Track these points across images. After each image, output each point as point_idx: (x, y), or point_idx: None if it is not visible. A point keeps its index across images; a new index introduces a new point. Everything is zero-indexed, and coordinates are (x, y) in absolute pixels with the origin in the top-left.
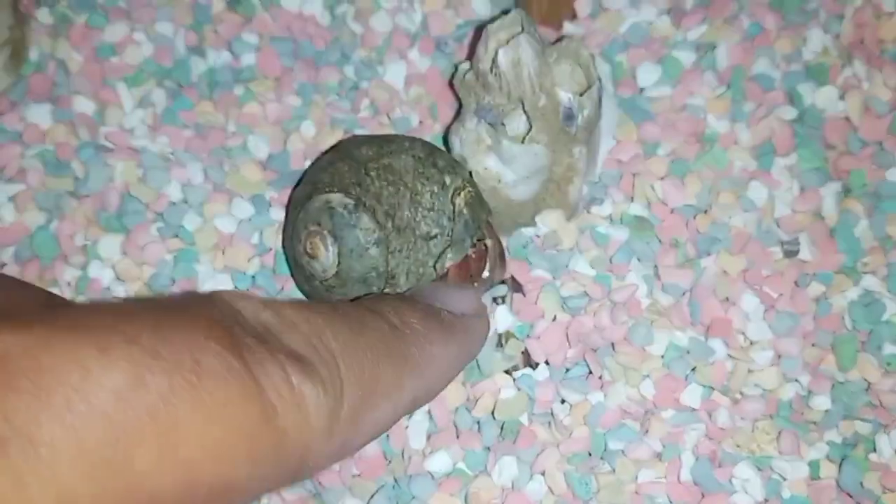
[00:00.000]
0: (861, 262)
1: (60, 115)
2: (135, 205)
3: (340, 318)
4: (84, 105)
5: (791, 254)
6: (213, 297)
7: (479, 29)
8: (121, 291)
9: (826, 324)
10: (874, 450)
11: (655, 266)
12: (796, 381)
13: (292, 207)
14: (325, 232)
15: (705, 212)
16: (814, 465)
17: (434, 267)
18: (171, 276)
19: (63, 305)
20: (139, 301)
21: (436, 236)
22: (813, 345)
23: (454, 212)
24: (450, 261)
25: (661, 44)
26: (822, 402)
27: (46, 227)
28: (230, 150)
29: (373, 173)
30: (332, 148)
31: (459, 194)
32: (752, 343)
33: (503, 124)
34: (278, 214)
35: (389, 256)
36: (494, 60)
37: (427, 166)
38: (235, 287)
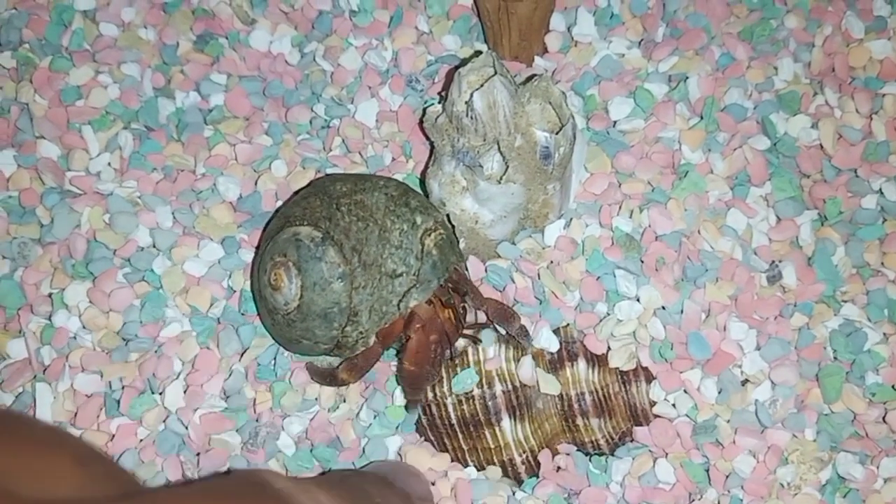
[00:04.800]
0: (840, 290)
1: (24, 160)
2: (102, 251)
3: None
4: (49, 149)
5: (774, 279)
6: (261, 482)
7: (451, 67)
8: (87, 341)
9: (809, 354)
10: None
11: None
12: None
13: (263, 241)
14: (290, 263)
15: (687, 237)
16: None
17: (398, 306)
18: (139, 320)
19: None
20: (200, 489)
21: (402, 274)
22: (800, 376)
23: (422, 251)
24: (414, 300)
25: (632, 76)
26: (807, 435)
27: (11, 275)
28: (200, 193)
29: (343, 208)
30: (309, 184)
31: (430, 235)
32: (747, 380)
33: (480, 165)
34: (249, 256)
35: (353, 292)
36: (469, 103)
37: (399, 205)
38: (194, 329)
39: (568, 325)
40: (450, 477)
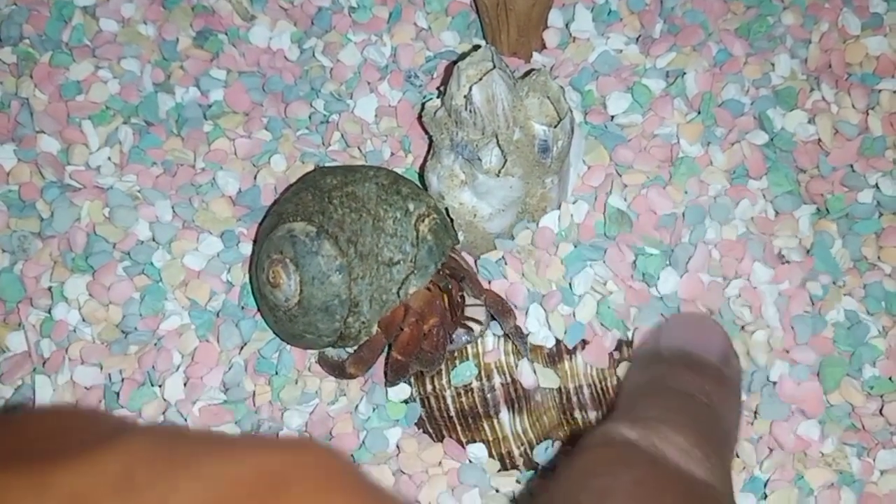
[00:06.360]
0: (841, 280)
1: (24, 154)
2: (101, 244)
3: (700, 422)
4: (49, 144)
5: (784, 258)
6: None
7: (449, 62)
8: (87, 333)
9: (813, 344)
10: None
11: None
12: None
13: (258, 240)
14: (287, 260)
15: (683, 215)
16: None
17: (397, 293)
18: (138, 313)
19: None
20: None
21: (399, 262)
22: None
23: (417, 238)
24: (413, 287)
25: (630, 72)
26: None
27: (11, 269)
28: (199, 187)
29: (336, 201)
30: (300, 179)
31: (423, 220)
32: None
33: (479, 159)
34: (248, 250)
35: (352, 283)
36: (468, 97)
37: (390, 193)
38: (193, 322)
39: None
40: (444, 466)
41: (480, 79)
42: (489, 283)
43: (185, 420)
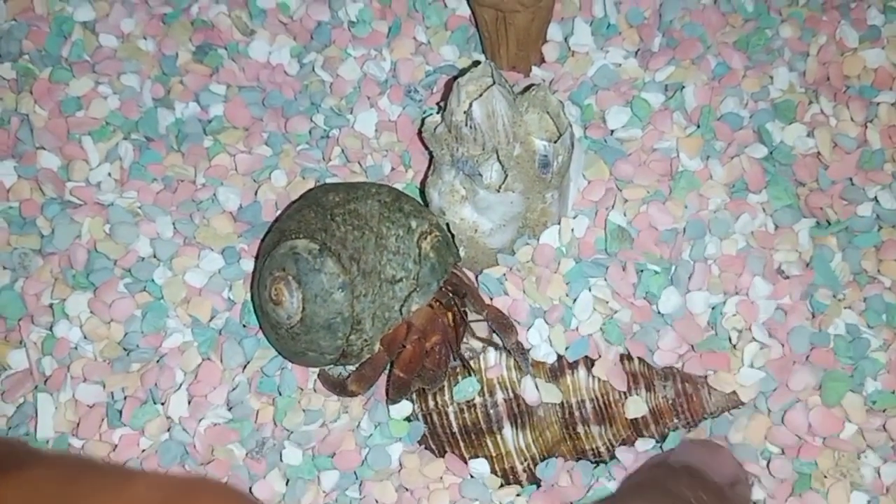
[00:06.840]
0: (841, 293)
1: (24, 171)
2: (102, 261)
3: None
4: (49, 160)
5: (783, 273)
6: None
7: (449, 77)
8: (89, 351)
9: (815, 357)
10: None
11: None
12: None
13: (260, 256)
14: (290, 277)
15: (684, 230)
16: None
17: (400, 311)
18: (140, 331)
19: None
20: None
21: (401, 280)
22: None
23: (420, 255)
24: (415, 304)
25: (629, 86)
26: None
27: (11, 286)
28: (200, 203)
29: (338, 218)
30: (301, 196)
31: (426, 238)
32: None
33: (479, 174)
34: (249, 266)
35: (355, 301)
36: (469, 113)
37: (393, 210)
38: (195, 340)
39: None
40: (445, 481)
41: (480, 95)
42: (491, 299)
43: (192, 437)
